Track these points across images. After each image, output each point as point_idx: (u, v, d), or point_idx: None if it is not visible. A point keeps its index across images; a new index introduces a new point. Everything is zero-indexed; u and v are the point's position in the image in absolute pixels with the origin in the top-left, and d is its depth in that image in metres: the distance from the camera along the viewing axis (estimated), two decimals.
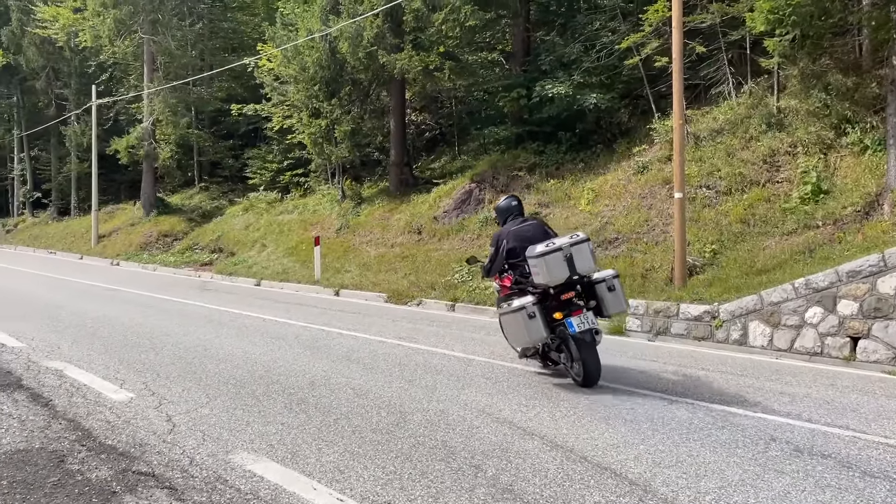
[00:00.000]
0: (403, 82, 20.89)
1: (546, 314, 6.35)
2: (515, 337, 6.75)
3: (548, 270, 6.31)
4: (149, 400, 5.74)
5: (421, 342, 9.10)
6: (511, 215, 7.46)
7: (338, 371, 7.10)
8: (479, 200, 17.70)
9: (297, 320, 10.97)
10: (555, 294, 6.51)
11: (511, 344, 7.23)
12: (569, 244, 6.43)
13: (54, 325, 9.89)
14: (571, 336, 6.37)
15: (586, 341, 6.42)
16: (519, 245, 6.92)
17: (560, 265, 6.33)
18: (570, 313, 6.42)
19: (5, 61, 38.83)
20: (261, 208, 25.80)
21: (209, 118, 35.35)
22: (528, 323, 6.24)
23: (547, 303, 6.48)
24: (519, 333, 6.55)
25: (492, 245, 7.39)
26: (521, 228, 7.18)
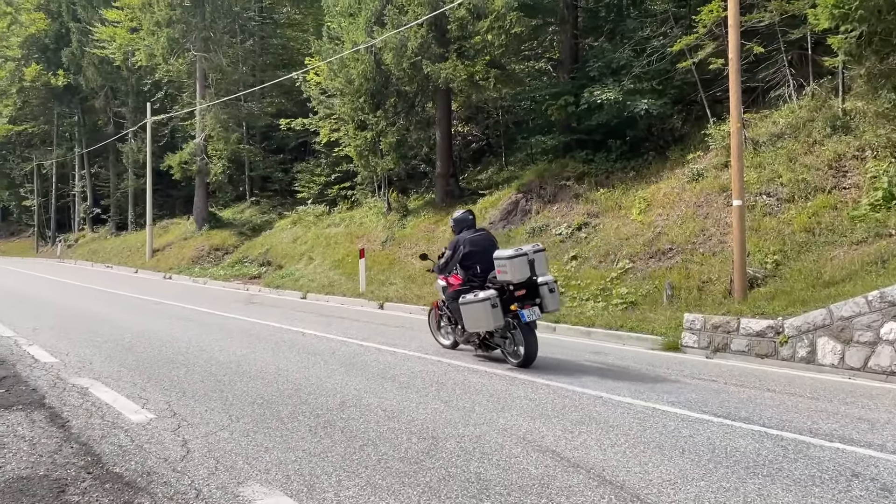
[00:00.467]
0: (449, 93, 20.61)
1: (503, 305, 7.89)
2: (476, 322, 8.03)
3: (514, 270, 7.84)
4: (168, 422, 5.44)
5: (461, 359, 8.66)
6: (466, 226, 8.89)
7: (371, 390, 6.72)
8: (525, 211, 17.21)
9: (336, 335, 10.66)
10: (512, 290, 8.02)
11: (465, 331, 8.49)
12: (532, 251, 8.06)
13: (93, 339, 9.80)
14: (523, 323, 7.93)
15: (531, 329, 8.04)
16: (473, 250, 8.47)
17: (524, 267, 7.92)
18: (523, 306, 7.97)
19: (66, 81, 40.20)
20: (308, 221, 25.82)
21: (260, 133, 35.80)
22: (492, 311, 7.78)
23: (504, 296, 7.97)
24: (481, 319, 7.92)
25: (449, 249, 8.79)
26: (475, 238, 8.65)
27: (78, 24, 39.19)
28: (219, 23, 30.78)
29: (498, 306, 7.81)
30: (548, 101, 18.14)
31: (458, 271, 8.62)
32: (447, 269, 8.81)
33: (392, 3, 18.96)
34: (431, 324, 9.96)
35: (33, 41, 42.27)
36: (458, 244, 8.63)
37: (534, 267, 8.02)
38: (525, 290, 8.10)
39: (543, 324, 11.92)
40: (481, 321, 7.94)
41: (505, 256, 7.94)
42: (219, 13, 30.58)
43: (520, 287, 8.05)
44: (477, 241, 8.60)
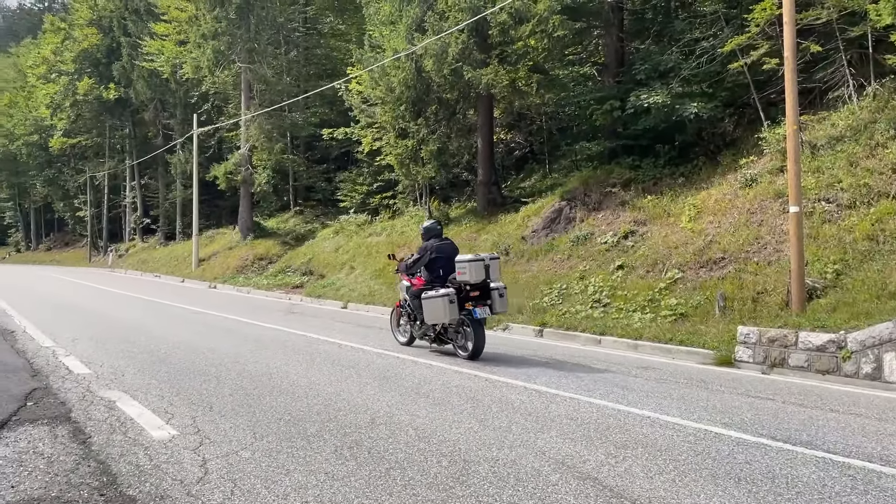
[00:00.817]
0: (490, 99, 20.31)
1: (459, 302, 9.12)
2: (435, 315, 9.18)
3: (472, 272, 9.14)
4: (190, 439, 5.22)
5: (500, 373, 8.29)
6: (434, 234, 10.07)
7: (403, 406, 6.41)
8: (569, 219, 16.75)
9: (373, 346, 10.40)
10: (467, 290, 9.30)
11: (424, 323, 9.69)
12: (488, 258, 9.44)
13: (129, 350, 9.73)
14: (475, 319, 9.15)
15: (481, 325, 9.22)
16: (439, 256, 9.71)
17: (481, 270, 9.22)
18: (476, 305, 9.23)
19: (117, 95, 41.22)
20: (350, 231, 25.76)
21: (304, 143, 36.06)
22: (449, 306, 8.98)
23: (461, 295, 9.21)
24: (439, 313, 9.09)
25: (419, 252, 10.00)
26: (441, 245, 9.85)
27: (128, 38, 40.19)
28: (263, 34, 31.12)
29: (455, 302, 9.07)
30: (592, 105, 17.67)
31: (423, 273, 9.93)
32: (413, 270, 10.06)
33: (433, 9, 18.79)
34: (392, 322, 11.13)
35: (86, 56, 43.53)
36: (427, 249, 9.83)
37: (489, 272, 9.37)
38: (479, 292, 9.40)
39: (588, 335, 11.50)
40: (439, 314, 9.10)
41: (465, 260, 9.30)
42: (263, 25, 30.92)
43: (475, 288, 9.36)
44: (443, 248, 9.82)
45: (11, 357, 9.03)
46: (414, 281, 10.08)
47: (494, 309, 9.43)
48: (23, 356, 9.14)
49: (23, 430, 5.47)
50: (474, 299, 9.30)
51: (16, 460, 4.69)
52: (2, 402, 6.32)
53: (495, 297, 9.42)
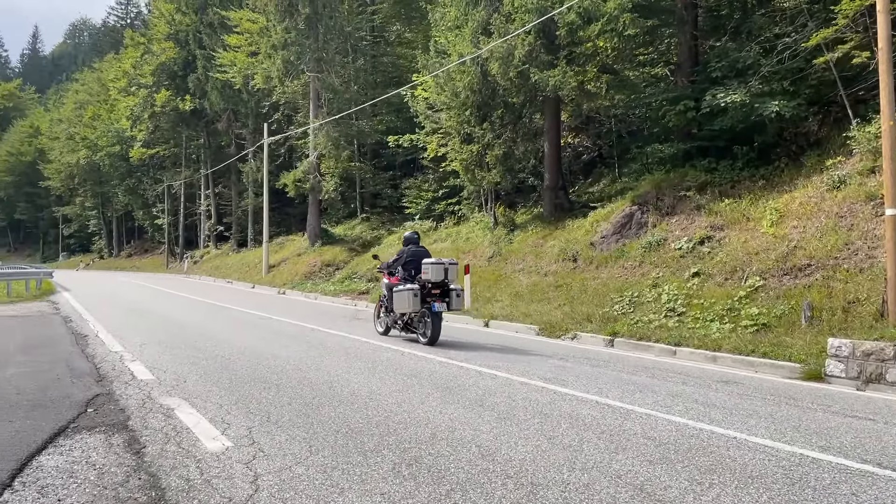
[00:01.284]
0: (558, 102, 19.84)
1: (422, 294, 11.05)
2: (402, 306, 11.18)
3: (433, 273, 11.10)
4: (244, 451, 5.01)
5: (570, 385, 7.85)
6: (412, 242, 12.25)
7: (467, 420, 6.06)
8: (641, 224, 16.09)
9: (436, 354, 10.10)
10: (430, 288, 11.15)
11: (393, 312, 11.73)
12: (448, 263, 11.36)
13: (194, 355, 9.73)
14: (432, 312, 10.99)
15: (439, 317, 11.07)
16: (412, 259, 11.74)
17: (440, 272, 11.17)
18: (435, 300, 11.08)
19: (193, 106, 42.52)
20: None
21: (371, 151, 36.29)
22: (413, 298, 10.97)
23: (424, 291, 11.10)
24: (405, 303, 11.06)
25: (397, 255, 12.20)
26: (416, 251, 11.95)
27: (203, 51, 41.41)
28: (331, 44, 31.48)
29: (418, 296, 11.04)
30: (665, 106, 16.98)
31: (399, 273, 11.85)
32: (392, 269, 12.14)
33: (499, 11, 18.48)
34: (374, 315, 13.07)
35: (163, 69, 45.10)
36: (404, 253, 12.08)
37: (447, 274, 11.27)
38: (439, 291, 11.26)
39: (663, 346, 10.91)
40: (405, 305, 11.11)
41: (429, 262, 11.28)
42: (331, 34, 31.28)
43: (436, 287, 11.24)
44: (416, 253, 11.90)
45: (81, 362, 9.13)
46: (392, 280, 12.04)
47: (451, 306, 11.32)
48: (91, 361, 9.24)
49: (79, 437, 5.39)
50: (435, 296, 11.19)
51: (67, 471, 4.58)
52: (63, 408, 6.30)
53: (453, 296, 11.31)
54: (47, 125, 77.52)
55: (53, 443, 5.22)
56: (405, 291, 11.08)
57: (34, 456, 4.85)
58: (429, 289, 11.17)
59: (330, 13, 31.00)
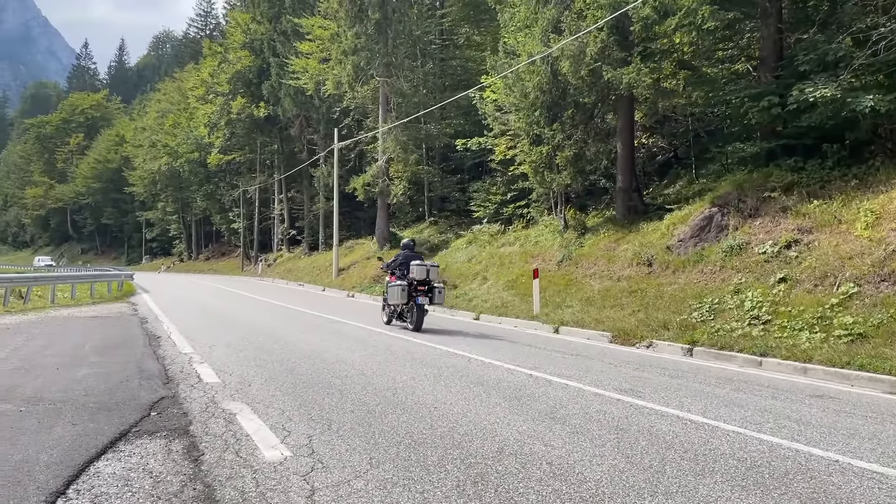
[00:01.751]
0: (631, 100, 19.15)
1: (409, 292, 13.46)
2: (394, 298, 13.71)
3: (417, 272, 13.50)
4: (302, 462, 4.79)
5: (647, 397, 7.36)
6: (408, 247, 14.69)
7: (536, 434, 5.69)
8: (721, 227, 15.29)
9: (504, 361, 9.74)
10: (416, 285, 13.47)
11: (389, 305, 14.45)
12: (430, 265, 13.83)
13: (261, 358, 9.68)
14: (416, 304, 13.38)
15: (423, 309, 13.49)
16: (405, 262, 14.08)
17: (423, 272, 13.55)
18: (420, 295, 13.45)
19: (267, 112, 43.48)
20: (483, 241, 25.32)
21: (439, 154, 36.21)
22: (402, 292, 13.46)
23: (411, 288, 13.47)
24: (396, 296, 13.57)
25: (395, 258, 14.62)
26: (409, 255, 14.33)
27: (276, 58, 42.31)
28: (400, 48, 31.57)
29: (405, 291, 13.53)
30: (747, 103, 16.11)
31: (397, 273, 14.28)
32: (391, 269, 14.58)
33: (570, 9, 17.99)
34: (381, 309, 15.60)
35: (239, 77, 46.33)
36: (399, 256, 14.56)
37: (429, 274, 13.67)
38: (425, 287, 13.62)
39: (747, 356, 10.24)
40: (396, 297, 13.69)
41: (415, 264, 13.74)
42: (401, 38, 31.36)
43: (421, 284, 13.58)
44: (409, 257, 14.32)
45: (151, 363, 9.20)
46: (391, 278, 14.46)
47: (434, 300, 13.79)
48: (161, 362, 9.30)
49: (140, 442, 5.29)
50: (421, 292, 13.58)
51: (123, 478, 4.45)
52: (127, 411, 6.26)
53: (436, 293, 13.76)
54: (131, 133, 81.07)
55: (113, 447, 5.13)
56: (396, 287, 13.69)
57: (92, 461, 4.76)
58: (415, 286, 13.58)
59: (399, 18, 31.09)
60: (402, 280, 13.78)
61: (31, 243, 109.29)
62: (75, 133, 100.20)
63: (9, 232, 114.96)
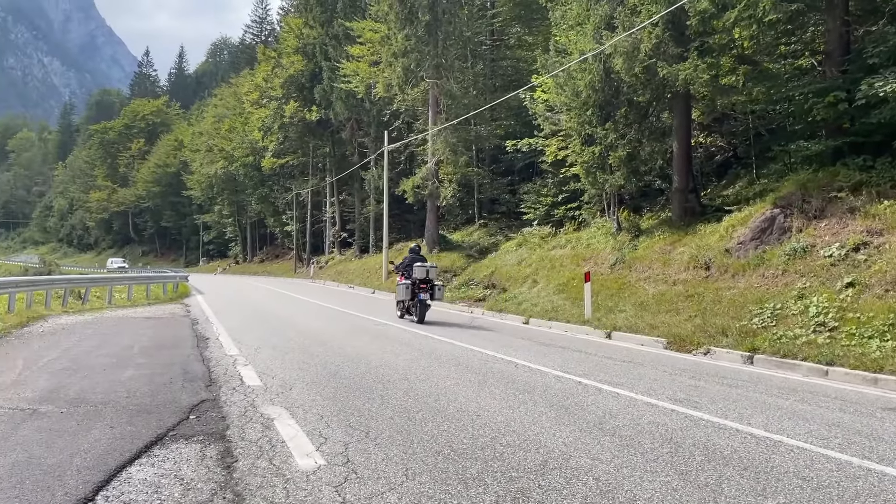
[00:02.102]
0: (688, 98, 18.52)
1: (413, 289, 15.68)
2: (400, 294, 16.16)
3: (418, 272, 15.65)
4: (336, 472, 4.60)
5: (704, 408, 6.95)
6: (415, 252, 16.83)
7: (583, 446, 5.37)
8: (784, 229, 14.59)
9: (552, 368, 9.41)
10: (419, 283, 15.68)
11: (399, 301, 16.79)
12: (429, 266, 16.01)
13: (304, 361, 9.59)
14: (419, 300, 15.57)
15: (425, 304, 15.62)
16: (409, 264, 16.21)
17: (423, 272, 15.70)
18: (421, 292, 15.62)
19: (319, 116, 43.92)
20: (534, 243, 24.93)
21: (489, 156, 35.94)
22: (406, 290, 15.77)
23: (415, 286, 15.68)
24: (402, 293, 15.95)
25: (403, 260, 16.81)
26: (415, 258, 16.46)
27: (328, 62, 42.70)
28: (451, 50, 31.41)
29: (409, 288, 15.79)
30: (811, 99, 15.38)
31: (405, 273, 16.26)
32: (399, 270, 16.77)
33: (623, 4, 17.50)
34: (395, 305, 17.57)
35: (292, 81, 46.96)
36: (406, 259, 16.66)
37: (429, 274, 15.86)
38: (425, 286, 15.77)
39: (812, 365, 9.66)
40: (402, 294, 16.04)
41: (417, 265, 15.88)
42: (451, 40, 31.21)
43: (423, 282, 15.77)
44: (414, 259, 16.43)
45: (196, 365, 9.19)
46: (401, 278, 16.54)
47: (434, 296, 16.03)
48: (206, 364, 9.28)
49: (175, 447, 5.18)
50: (422, 290, 15.77)
51: (154, 485, 4.33)
52: (166, 414, 6.18)
53: (435, 290, 16.02)
54: (189, 138, 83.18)
55: (148, 452, 5.04)
56: (401, 285, 16.15)
57: (125, 466, 4.66)
58: (418, 284, 15.77)
59: (449, 19, 30.94)
60: (408, 279, 15.93)
61: (94, 245, 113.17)
62: (136, 138, 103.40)
63: (74, 235, 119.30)
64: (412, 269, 15.87)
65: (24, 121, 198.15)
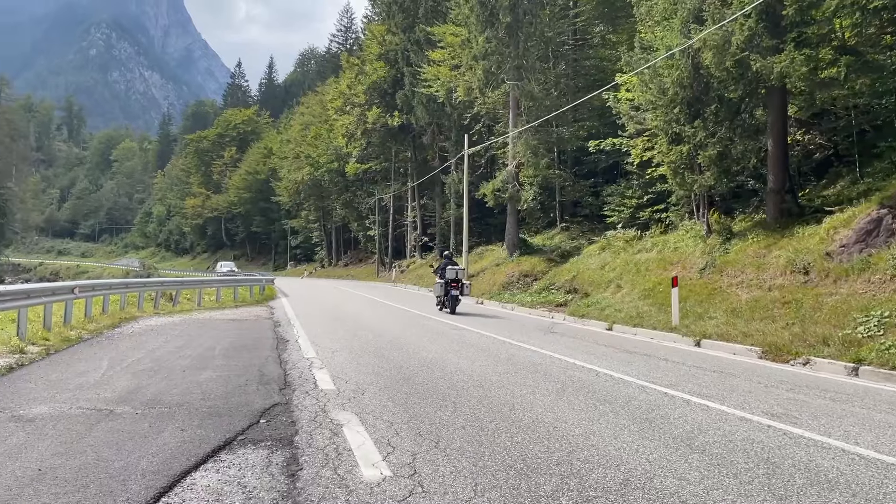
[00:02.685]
0: (784, 93, 17.49)
1: (446, 287, 19.88)
2: (437, 292, 20.54)
3: (450, 274, 19.86)
4: (401, 484, 4.38)
5: (805, 425, 6.36)
6: (447, 258, 21.10)
7: (669, 464, 4.96)
8: (891, 231, 13.49)
9: (636, 377, 8.93)
10: (451, 282, 19.77)
11: (436, 297, 20.99)
12: (458, 269, 20.19)
13: (379, 365, 9.47)
14: (451, 296, 19.70)
15: (456, 298, 19.74)
16: (444, 267, 20.39)
17: (454, 273, 19.86)
18: (453, 288, 19.74)
19: (400, 121, 44.32)
20: (618, 247, 24.18)
21: (571, 158, 35.26)
22: (441, 288, 20.18)
23: (447, 285, 19.82)
24: (438, 290, 20.35)
25: (440, 265, 21.04)
26: (448, 262, 20.60)
27: (410, 67, 43.07)
28: (532, 51, 30.98)
29: (443, 287, 19.88)
30: None
31: (440, 274, 20.42)
32: (436, 272, 21.05)
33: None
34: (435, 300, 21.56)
35: (374, 87, 47.65)
36: (442, 263, 20.77)
37: (458, 275, 19.81)
38: (456, 284, 19.65)
39: None
40: (438, 291, 20.22)
41: (448, 268, 19.88)
42: (532, 41, 30.78)
43: (454, 282, 19.66)
44: (448, 263, 20.43)
45: (273, 367, 9.22)
46: (438, 278, 20.54)
47: (462, 293, 19.99)
48: (282, 366, 9.30)
49: (242, 452, 5.10)
50: (453, 287, 19.63)
51: (216, 492, 4.23)
52: (237, 417, 6.14)
53: (463, 288, 19.94)
54: (278, 146, 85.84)
55: (215, 457, 4.97)
56: (437, 284, 20.51)
57: (190, 472, 4.60)
58: (450, 283, 19.75)
59: (531, 20, 30.51)
60: (442, 280, 20.11)
61: (190, 250, 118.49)
62: (229, 147, 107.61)
63: (171, 239, 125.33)
64: (445, 272, 19.98)
65: (126, 132, 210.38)
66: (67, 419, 5.92)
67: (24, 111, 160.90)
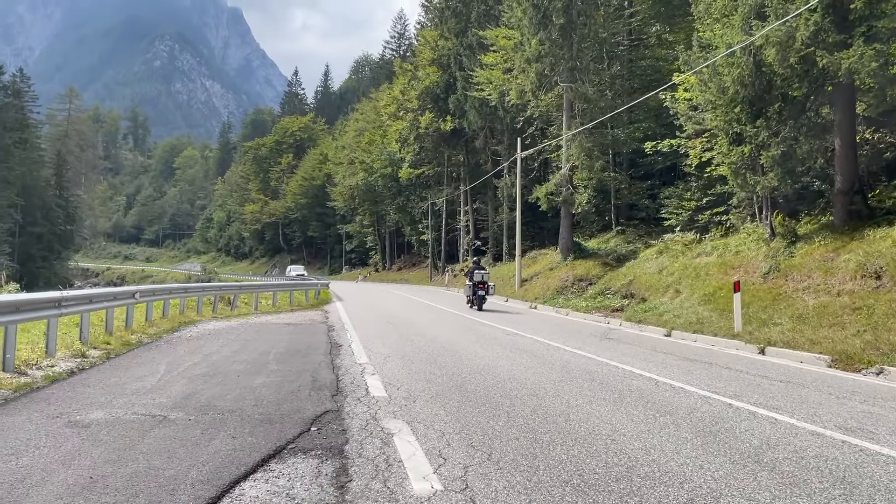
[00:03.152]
0: (852, 90, 16.74)
1: (474, 288, 23.56)
2: (466, 292, 24.59)
3: (477, 277, 23.62)
4: (452, 499, 4.24)
5: (883, 440, 5.97)
6: (476, 263, 24.92)
7: (736, 482, 4.68)
8: None
9: (697, 387, 8.58)
10: (478, 284, 23.48)
11: (466, 297, 25.01)
12: (483, 273, 23.98)
13: (431, 372, 9.37)
14: (477, 295, 23.39)
15: (483, 298, 23.43)
16: (472, 271, 24.23)
17: (480, 276, 23.68)
18: (479, 289, 23.43)
19: (453, 126, 44.34)
20: (676, 250, 23.56)
21: (626, 160, 34.63)
22: (469, 289, 24.03)
23: (475, 286, 23.51)
24: (467, 291, 24.41)
25: (469, 269, 25.12)
26: (476, 267, 24.32)
27: (462, 72, 43.07)
28: (586, 52, 30.54)
29: (471, 287, 23.58)
30: None
31: (469, 276, 24.04)
32: (466, 275, 24.96)
33: None
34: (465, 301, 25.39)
35: (427, 92, 47.82)
36: (471, 268, 24.48)
37: (483, 278, 23.41)
38: (482, 286, 23.20)
39: None
40: (468, 291, 24.09)
41: (476, 272, 23.58)
42: (586, 42, 30.33)
43: (479, 284, 23.21)
44: (475, 268, 23.94)
45: (326, 373, 9.22)
46: (468, 280, 23.85)
47: (488, 293, 23.29)
48: (335, 372, 9.29)
49: (292, 461, 5.05)
50: (480, 288, 23.02)
51: (263, 503, 4.17)
52: (288, 425, 6.11)
53: (488, 288, 23.28)
54: (333, 152, 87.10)
55: (264, 466, 4.93)
56: (467, 286, 23.94)
57: (239, 482, 4.56)
58: (476, 284, 23.06)
59: (584, 21, 30.06)
60: (471, 282, 23.44)
61: (249, 255, 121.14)
62: (286, 153, 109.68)
63: (231, 244, 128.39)
64: (473, 275, 23.52)
65: (188, 140, 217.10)
66: (122, 425, 5.98)
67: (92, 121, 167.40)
